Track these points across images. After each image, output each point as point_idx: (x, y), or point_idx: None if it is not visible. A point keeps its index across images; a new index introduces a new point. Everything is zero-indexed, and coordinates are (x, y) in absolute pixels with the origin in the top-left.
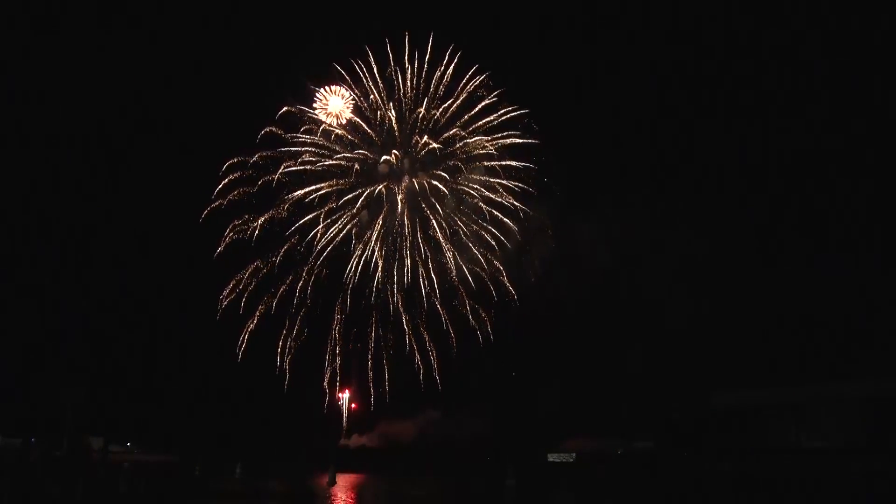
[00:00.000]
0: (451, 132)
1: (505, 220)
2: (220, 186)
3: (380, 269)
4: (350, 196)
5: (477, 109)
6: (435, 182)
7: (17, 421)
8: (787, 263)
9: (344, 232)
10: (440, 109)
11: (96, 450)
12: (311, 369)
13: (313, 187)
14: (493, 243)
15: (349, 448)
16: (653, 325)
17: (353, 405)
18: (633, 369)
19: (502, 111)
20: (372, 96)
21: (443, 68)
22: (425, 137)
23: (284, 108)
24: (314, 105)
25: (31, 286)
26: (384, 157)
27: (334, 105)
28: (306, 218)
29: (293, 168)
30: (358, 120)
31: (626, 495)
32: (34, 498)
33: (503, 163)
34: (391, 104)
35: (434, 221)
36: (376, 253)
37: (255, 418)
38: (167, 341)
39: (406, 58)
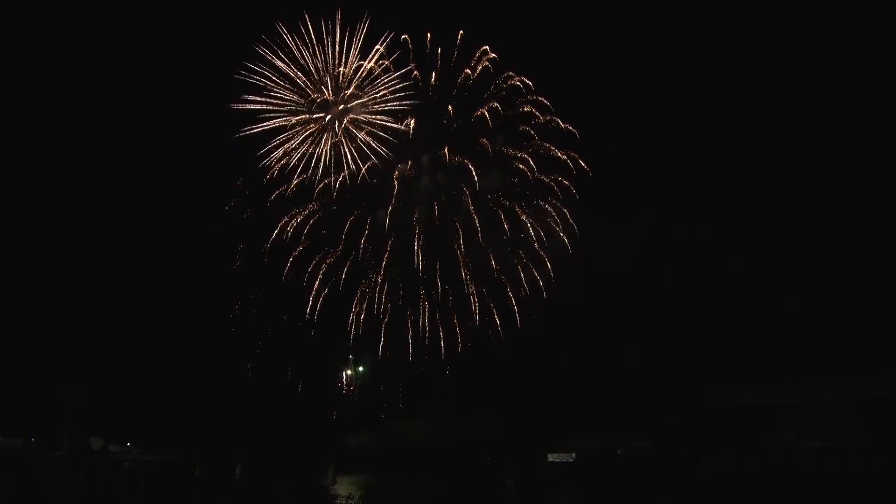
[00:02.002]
0: (481, 142)
1: (529, 238)
2: (232, 202)
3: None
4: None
5: (510, 116)
6: (466, 201)
7: (17, 421)
8: (787, 264)
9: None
10: (464, 117)
11: (96, 450)
12: (319, 372)
13: (311, 208)
14: (514, 260)
15: (349, 448)
16: (654, 325)
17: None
18: (633, 369)
19: (540, 120)
20: (389, 102)
21: (470, 71)
22: (445, 148)
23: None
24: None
25: (31, 286)
26: (399, 166)
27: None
28: (301, 246)
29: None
30: (374, 129)
31: (626, 495)
32: (34, 498)
33: (539, 176)
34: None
35: (456, 233)
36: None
37: (255, 419)
38: (169, 343)
39: (427, 59)
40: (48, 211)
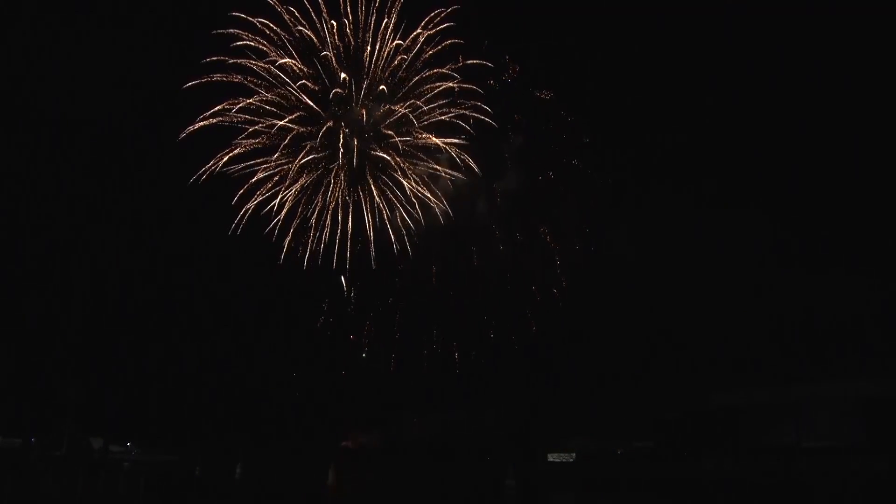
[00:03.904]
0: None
1: (545, 247)
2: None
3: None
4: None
5: (529, 125)
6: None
7: (17, 421)
8: (786, 263)
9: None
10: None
11: (96, 450)
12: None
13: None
14: (528, 267)
15: (349, 448)
16: (653, 324)
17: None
18: (633, 369)
19: (560, 130)
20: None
21: (492, 81)
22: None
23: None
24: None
25: (31, 285)
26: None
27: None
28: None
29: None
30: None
31: (626, 495)
32: (34, 498)
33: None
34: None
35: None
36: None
37: (255, 419)
38: (168, 342)
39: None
40: (48, 211)
